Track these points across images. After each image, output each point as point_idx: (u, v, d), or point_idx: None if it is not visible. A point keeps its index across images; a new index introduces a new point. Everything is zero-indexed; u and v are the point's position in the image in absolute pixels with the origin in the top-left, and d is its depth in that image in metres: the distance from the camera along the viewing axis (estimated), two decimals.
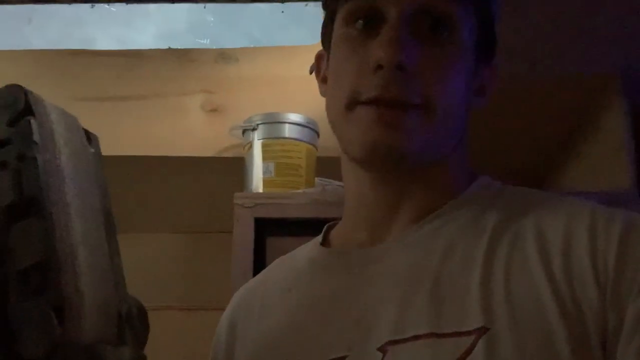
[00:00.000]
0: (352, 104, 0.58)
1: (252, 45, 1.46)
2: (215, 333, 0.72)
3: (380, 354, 0.54)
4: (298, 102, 1.36)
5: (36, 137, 0.53)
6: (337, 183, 1.13)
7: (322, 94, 0.66)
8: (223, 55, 1.42)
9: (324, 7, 0.66)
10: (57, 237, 0.51)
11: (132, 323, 0.57)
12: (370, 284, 0.59)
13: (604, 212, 0.55)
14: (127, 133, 1.38)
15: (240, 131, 1.26)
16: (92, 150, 0.61)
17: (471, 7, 0.60)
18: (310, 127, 1.21)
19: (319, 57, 0.69)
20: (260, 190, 1.14)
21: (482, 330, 0.51)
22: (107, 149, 1.42)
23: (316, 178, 1.16)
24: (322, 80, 0.67)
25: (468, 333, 0.51)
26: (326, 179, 1.14)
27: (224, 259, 1.25)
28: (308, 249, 0.69)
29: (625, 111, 1.14)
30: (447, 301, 0.54)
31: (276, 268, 0.73)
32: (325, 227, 0.70)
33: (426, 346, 0.52)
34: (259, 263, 0.97)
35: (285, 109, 1.29)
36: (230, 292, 0.98)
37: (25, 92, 0.54)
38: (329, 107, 0.63)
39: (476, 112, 0.66)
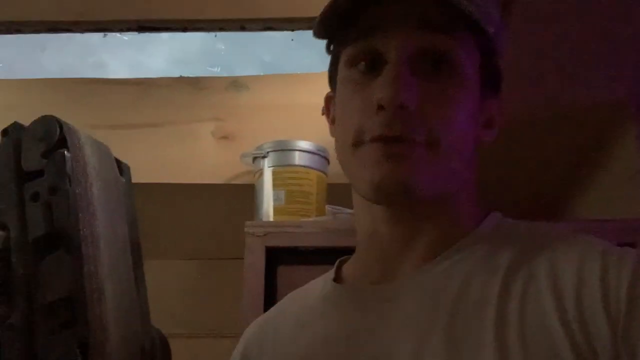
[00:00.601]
0: (358, 143, 0.59)
1: (262, 73, 1.47)
2: None
3: None
4: (308, 128, 1.37)
5: (69, 169, 0.53)
6: (348, 211, 1.12)
7: (332, 134, 0.67)
8: (234, 83, 1.43)
9: (328, 51, 0.67)
10: (85, 272, 0.50)
11: (154, 356, 0.57)
12: (386, 324, 0.59)
13: (615, 252, 0.55)
14: (138, 160, 1.37)
15: (251, 158, 1.26)
16: (124, 180, 0.62)
17: (472, 44, 0.61)
18: (320, 154, 1.21)
19: (327, 99, 0.71)
20: (271, 218, 1.14)
21: None
22: None
23: (327, 206, 1.15)
24: (332, 122, 0.69)
25: None
26: (337, 207, 1.13)
27: (233, 286, 1.25)
28: (320, 284, 0.69)
29: (637, 138, 1.13)
30: (462, 341, 0.54)
31: (289, 303, 0.73)
32: (337, 262, 0.70)
33: None
34: (270, 292, 0.97)
35: (296, 136, 1.29)
36: (240, 320, 0.98)
37: (60, 124, 0.55)
38: (337, 148, 0.64)
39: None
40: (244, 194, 1.32)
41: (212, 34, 1.51)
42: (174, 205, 1.39)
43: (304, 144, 1.21)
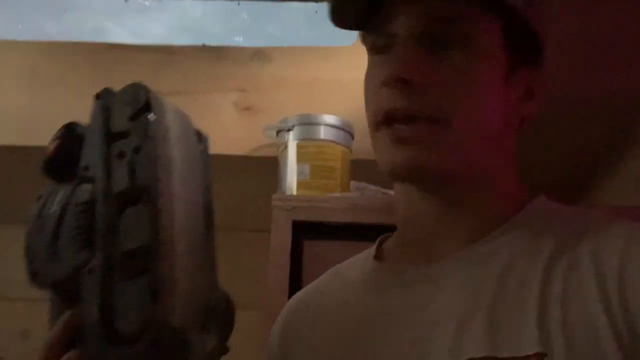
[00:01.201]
0: (375, 125, 0.60)
1: (285, 45, 1.45)
2: (247, 331, 0.72)
3: None
4: (332, 103, 1.36)
5: (152, 132, 0.56)
6: (373, 187, 1.12)
7: None
8: (258, 55, 1.41)
9: (362, 41, 0.67)
10: (160, 226, 0.54)
11: (219, 315, 0.59)
12: (427, 304, 0.59)
13: None
14: None
15: (275, 131, 1.25)
16: (201, 148, 0.64)
17: (491, 13, 0.59)
18: (345, 129, 1.20)
19: None
20: (294, 192, 1.13)
21: (539, 356, 0.51)
22: None
23: (351, 182, 1.15)
24: None
25: (525, 358, 0.52)
26: (361, 183, 1.13)
27: (255, 258, 1.25)
28: (361, 262, 0.69)
29: None
30: (504, 325, 0.54)
31: (330, 279, 0.73)
32: (379, 239, 0.70)
33: None
34: (295, 265, 0.97)
35: (319, 111, 1.28)
36: (265, 292, 0.98)
37: (147, 91, 0.58)
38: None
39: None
40: (266, 167, 1.31)
41: (235, 2, 1.49)
42: None
43: (329, 118, 1.20)
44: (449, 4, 0.58)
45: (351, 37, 1.42)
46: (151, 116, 0.57)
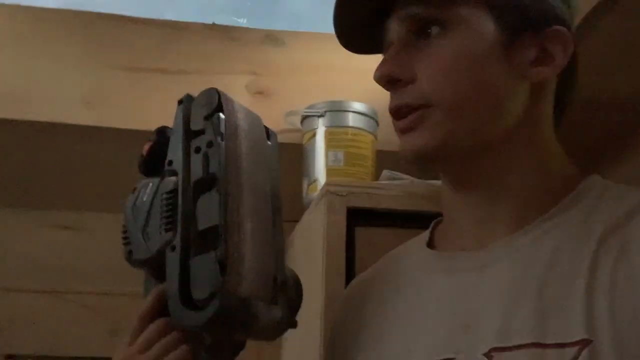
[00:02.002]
0: None
1: (294, 29, 1.41)
2: None
3: None
4: (346, 91, 1.34)
5: (222, 129, 0.64)
6: (405, 177, 1.11)
7: None
8: (270, 37, 1.36)
9: None
10: (229, 209, 0.61)
11: (286, 290, 0.65)
12: (476, 291, 0.60)
13: None
14: (163, 108, 1.30)
15: (299, 117, 1.22)
16: (270, 144, 0.71)
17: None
18: (374, 117, 1.19)
19: None
20: (325, 180, 1.11)
21: (586, 343, 0.52)
22: (140, 123, 1.35)
23: (385, 170, 1.14)
24: None
25: (571, 344, 0.52)
26: (395, 172, 1.12)
27: None
28: (415, 247, 0.72)
29: None
30: (551, 312, 0.55)
31: (385, 264, 0.75)
32: (433, 223, 0.73)
33: (530, 355, 0.53)
34: (350, 252, 0.95)
35: (332, 97, 1.27)
36: (322, 279, 0.95)
37: (219, 94, 0.67)
38: None
39: None
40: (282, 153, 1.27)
41: None
42: None
43: (359, 106, 1.19)
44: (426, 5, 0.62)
45: None
46: (222, 116, 0.65)
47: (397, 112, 0.64)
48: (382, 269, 0.76)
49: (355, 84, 1.37)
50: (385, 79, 0.63)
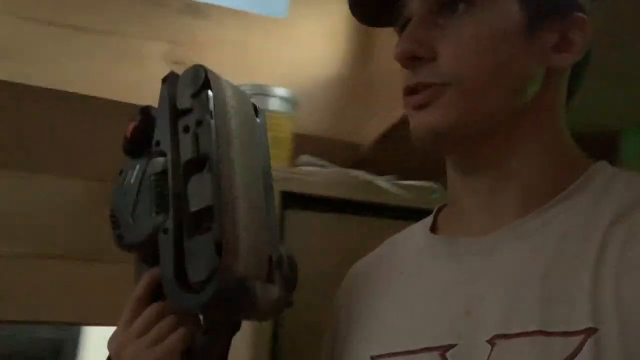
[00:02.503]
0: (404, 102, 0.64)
1: (218, 4, 1.41)
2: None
3: (489, 346, 0.55)
4: (265, 73, 1.37)
5: (211, 106, 0.62)
6: (322, 162, 1.18)
7: None
8: (191, 7, 1.35)
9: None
10: (222, 188, 0.60)
11: (282, 268, 0.64)
12: (480, 276, 0.59)
13: None
14: (77, 68, 1.26)
15: None
16: (258, 120, 0.70)
17: None
18: (293, 101, 1.24)
19: None
20: None
21: (591, 331, 0.51)
22: (51, 82, 1.30)
23: (302, 155, 1.19)
24: None
25: (576, 333, 0.51)
26: (312, 157, 1.18)
27: None
28: (418, 232, 0.72)
29: None
30: (556, 299, 0.54)
31: (388, 248, 0.76)
32: (435, 208, 0.73)
33: (534, 343, 0.53)
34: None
35: (253, 79, 1.30)
36: None
37: (206, 71, 0.65)
38: None
39: None
40: None
41: None
42: (112, 123, 1.29)
43: (280, 90, 1.23)
44: None
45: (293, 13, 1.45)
46: (210, 93, 0.63)
47: (412, 90, 0.61)
48: (385, 253, 0.75)
49: (274, 65, 1.40)
50: (407, 55, 0.60)
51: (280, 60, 1.41)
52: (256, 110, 0.70)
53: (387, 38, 1.56)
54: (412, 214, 1.14)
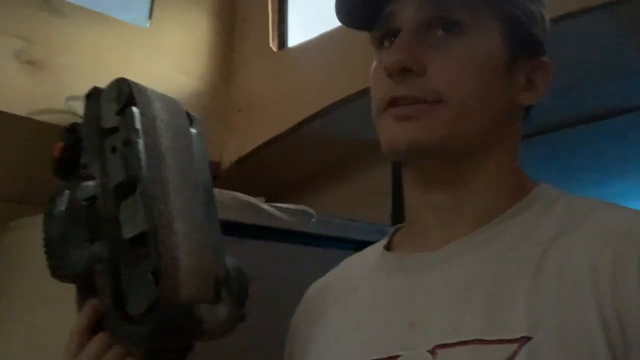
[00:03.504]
0: (379, 112, 0.64)
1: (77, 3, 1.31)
2: None
3: (430, 356, 0.57)
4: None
5: (137, 124, 0.59)
6: None
7: None
8: (48, 3, 1.24)
9: (371, 42, 0.71)
10: (156, 212, 0.57)
11: (230, 285, 0.62)
12: (427, 289, 0.62)
13: None
14: None
15: (81, 103, 1.14)
16: (194, 130, 0.66)
17: (490, 11, 0.63)
18: None
19: None
20: None
21: (525, 340, 0.52)
22: None
23: None
24: None
25: (512, 341, 0.53)
26: None
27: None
28: (373, 251, 0.74)
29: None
30: (497, 310, 0.56)
31: (345, 266, 0.78)
32: (393, 229, 0.75)
33: (472, 352, 0.55)
34: None
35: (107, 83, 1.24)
36: None
37: (129, 85, 0.61)
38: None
39: None
40: (47, 133, 1.17)
41: None
42: None
43: None
44: (452, 4, 0.62)
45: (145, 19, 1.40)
46: (135, 109, 0.59)
47: (396, 101, 0.62)
48: (340, 273, 0.76)
49: (134, 74, 1.34)
50: (400, 65, 0.60)
51: (140, 69, 1.36)
52: (191, 119, 0.66)
53: (249, 57, 1.59)
54: (286, 237, 1.21)
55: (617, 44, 1.15)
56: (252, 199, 1.08)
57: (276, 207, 1.11)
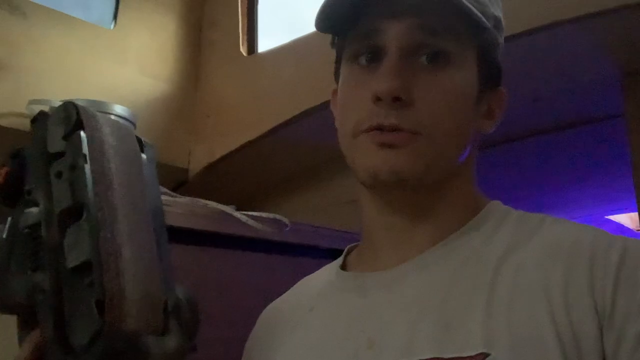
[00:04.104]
0: (357, 133, 0.62)
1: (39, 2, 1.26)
2: None
3: None
4: (91, 85, 1.27)
5: (85, 149, 0.58)
6: (164, 189, 1.14)
7: (337, 125, 0.70)
8: (8, 3, 1.18)
9: (332, 45, 0.70)
10: (101, 239, 0.55)
11: (180, 314, 0.61)
12: (382, 308, 0.62)
13: (604, 240, 0.57)
14: None
15: (45, 108, 1.10)
16: (145, 156, 0.65)
17: (470, 39, 0.64)
18: (132, 121, 1.17)
19: (334, 93, 0.72)
20: None
21: (483, 356, 0.53)
22: None
23: None
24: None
25: (469, 358, 0.53)
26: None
27: None
28: (328, 271, 0.73)
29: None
30: (452, 326, 0.56)
31: (301, 287, 0.76)
32: (346, 249, 0.74)
33: None
34: None
35: (73, 89, 1.20)
36: None
37: (77, 108, 0.59)
38: (339, 137, 0.67)
39: None
40: (9, 140, 1.12)
41: None
42: None
43: (119, 109, 1.14)
44: (438, 17, 0.62)
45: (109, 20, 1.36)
46: (83, 134, 0.58)
47: (380, 127, 0.61)
48: (295, 293, 0.76)
49: (98, 77, 1.30)
50: (394, 95, 0.60)
51: (105, 71, 1.31)
52: (142, 145, 0.65)
53: (218, 62, 1.56)
54: (259, 245, 1.18)
55: (589, 58, 1.17)
56: (224, 207, 1.05)
57: (249, 216, 1.09)
